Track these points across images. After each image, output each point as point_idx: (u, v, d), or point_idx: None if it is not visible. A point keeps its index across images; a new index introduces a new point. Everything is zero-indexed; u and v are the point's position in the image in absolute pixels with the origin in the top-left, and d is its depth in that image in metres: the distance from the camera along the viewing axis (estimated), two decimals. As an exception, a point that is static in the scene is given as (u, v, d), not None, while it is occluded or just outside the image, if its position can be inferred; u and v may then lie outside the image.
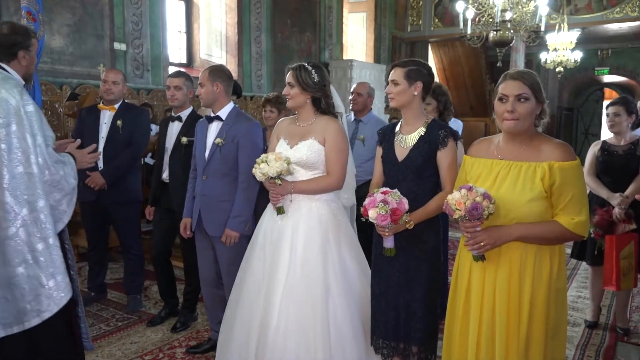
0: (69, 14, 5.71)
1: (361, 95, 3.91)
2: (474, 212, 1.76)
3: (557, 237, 1.84)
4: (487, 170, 1.94)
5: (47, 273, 2.01)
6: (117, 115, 3.55)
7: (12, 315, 2.00)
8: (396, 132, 2.35)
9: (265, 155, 2.38)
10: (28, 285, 2.00)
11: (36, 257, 1.99)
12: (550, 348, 1.88)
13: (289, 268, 2.36)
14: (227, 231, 2.77)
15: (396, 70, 2.26)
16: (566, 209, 1.80)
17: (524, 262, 1.86)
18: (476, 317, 1.95)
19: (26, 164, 1.97)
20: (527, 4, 7.03)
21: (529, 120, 1.86)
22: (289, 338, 2.31)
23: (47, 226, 2.02)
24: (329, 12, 9.80)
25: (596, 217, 3.18)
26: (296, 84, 2.43)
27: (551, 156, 1.82)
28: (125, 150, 3.54)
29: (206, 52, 8.01)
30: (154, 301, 3.88)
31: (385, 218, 2.05)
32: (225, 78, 2.85)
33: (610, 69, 14.16)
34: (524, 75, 1.86)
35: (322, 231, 2.41)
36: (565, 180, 1.79)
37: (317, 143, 2.43)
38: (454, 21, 10.14)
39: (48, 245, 2.02)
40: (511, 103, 1.83)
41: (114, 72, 3.66)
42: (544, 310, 1.85)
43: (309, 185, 2.44)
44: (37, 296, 2.00)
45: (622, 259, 3.07)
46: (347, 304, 2.39)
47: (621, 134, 3.30)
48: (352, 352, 2.36)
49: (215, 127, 2.84)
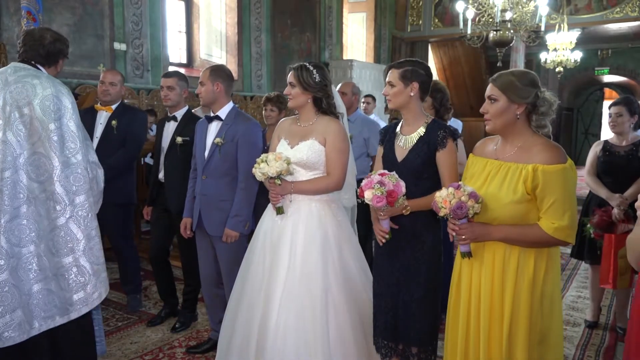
0: (69, 14, 5.72)
1: (345, 95, 4.00)
2: (458, 211, 1.79)
3: (538, 241, 1.82)
4: (481, 169, 1.96)
5: (95, 263, 2.12)
6: (112, 116, 3.54)
7: (56, 307, 2.06)
8: (397, 133, 2.35)
9: (265, 155, 2.38)
10: (74, 275, 2.08)
11: (81, 248, 2.09)
12: (537, 353, 1.86)
13: (289, 268, 2.36)
14: (226, 231, 2.77)
15: (392, 72, 2.26)
16: (548, 213, 1.79)
17: (506, 263, 1.87)
18: (464, 316, 1.96)
19: (76, 157, 2.11)
20: (527, 4, 7.03)
21: (500, 120, 1.88)
22: (288, 338, 2.30)
23: (93, 220, 2.15)
24: (329, 12, 9.81)
25: (596, 218, 3.18)
26: (297, 84, 2.43)
27: (537, 159, 1.81)
28: (119, 151, 3.51)
29: (206, 52, 8.01)
30: (154, 301, 3.88)
31: (380, 199, 2.05)
32: (226, 78, 2.86)
33: (610, 69, 14.17)
34: (497, 77, 1.92)
35: (322, 232, 2.41)
36: (548, 184, 1.77)
37: (317, 143, 2.43)
38: (454, 21, 10.14)
39: (91, 238, 2.13)
40: (484, 104, 1.93)
41: (112, 73, 3.66)
42: (527, 314, 1.83)
43: (309, 185, 2.44)
44: (84, 285, 2.08)
45: (619, 258, 3.07)
46: (347, 305, 2.39)
47: (623, 135, 3.29)
48: (352, 353, 2.36)
49: (214, 127, 2.84)
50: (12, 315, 1.98)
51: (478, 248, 1.92)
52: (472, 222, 1.86)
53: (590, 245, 3.34)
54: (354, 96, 4.05)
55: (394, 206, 2.09)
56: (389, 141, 2.35)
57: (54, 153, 2.05)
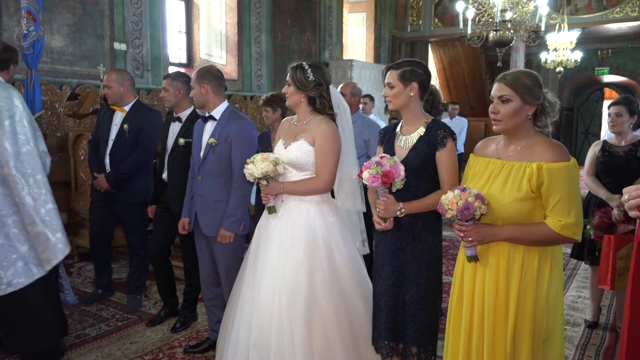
0: (69, 14, 5.71)
1: (345, 96, 4.00)
2: (465, 212, 1.79)
3: (545, 240, 1.83)
4: (483, 169, 1.96)
5: (52, 229, 2.64)
6: (125, 118, 3.57)
7: (39, 260, 2.66)
8: (397, 133, 2.35)
9: (254, 156, 2.39)
10: (38, 242, 2.63)
11: (42, 218, 2.61)
12: (542, 352, 1.86)
13: (274, 267, 2.37)
14: (221, 231, 2.77)
15: (391, 73, 2.26)
16: (554, 211, 1.79)
17: (511, 263, 1.87)
18: (467, 317, 1.96)
19: (27, 147, 2.61)
20: (527, 4, 7.02)
21: (513, 121, 1.87)
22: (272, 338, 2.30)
23: (48, 194, 2.66)
24: (329, 12, 9.81)
25: (596, 219, 3.17)
26: (292, 83, 2.44)
27: (542, 157, 1.81)
28: (131, 154, 3.56)
29: (206, 52, 8.01)
30: (154, 301, 3.88)
31: (376, 179, 2.05)
32: (213, 79, 2.82)
33: (610, 69, 14.16)
34: (507, 77, 1.88)
35: (310, 233, 2.39)
36: (553, 182, 1.77)
37: (307, 144, 2.41)
38: (454, 21, 10.14)
39: (49, 209, 2.65)
40: (494, 104, 1.89)
41: (107, 75, 3.66)
42: (531, 313, 1.84)
43: (297, 186, 2.43)
44: (46, 249, 2.63)
45: (618, 259, 3.06)
46: (335, 308, 2.35)
47: (622, 135, 3.29)
48: (338, 352, 2.33)
49: (209, 127, 2.84)
50: (15, 267, 2.59)
51: (482, 249, 1.92)
52: (478, 224, 1.86)
53: (590, 246, 3.34)
54: (353, 97, 4.05)
55: (389, 187, 2.08)
56: (388, 141, 2.35)
57: (8, 143, 2.55)
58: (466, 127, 8.24)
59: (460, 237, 1.89)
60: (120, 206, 3.64)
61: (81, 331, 3.35)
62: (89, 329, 3.39)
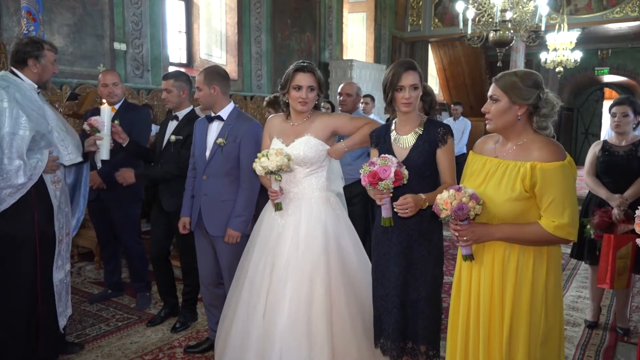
0: (69, 14, 5.71)
1: (350, 96, 4.06)
2: (459, 212, 1.79)
3: (539, 240, 1.82)
4: (480, 167, 1.97)
5: None
6: (116, 116, 3.54)
7: None
8: (391, 134, 2.35)
9: (266, 150, 2.42)
10: None
11: None
12: (540, 354, 1.85)
13: (292, 266, 2.39)
14: (229, 231, 2.77)
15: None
16: (548, 211, 1.78)
17: (506, 263, 1.87)
18: (464, 316, 1.97)
19: None
20: (527, 4, 7.02)
21: (501, 120, 1.88)
22: (290, 335, 2.32)
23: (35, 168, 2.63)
24: (329, 12, 9.81)
25: (596, 219, 3.17)
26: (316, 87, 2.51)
27: (536, 156, 1.81)
28: (121, 151, 3.52)
29: (206, 52, 8.00)
30: (154, 301, 3.88)
31: (364, 178, 2.11)
32: (222, 79, 2.83)
33: (610, 69, 14.17)
34: (500, 77, 1.91)
35: (322, 226, 2.44)
36: (547, 182, 1.77)
37: (313, 138, 2.47)
38: (454, 21, 10.14)
39: None
40: (486, 103, 1.93)
41: (111, 74, 3.68)
42: (527, 315, 1.83)
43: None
44: None
45: (618, 259, 3.07)
46: (347, 300, 2.42)
47: (624, 135, 3.29)
48: (352, 348, 2.38)
49: (216, 127, 2.84)
50: None
51: (478, 249, 1.92)
52: (472, 223, 1.87)
53: (590, 245, 3.34)
54: (357, 97, 4.15)
55: (376, 187, 2.09)
56: (384, 142, 2.35)
57: None
58: (469, 129, 8.20)
59: (456, 237, 1.89)
60: (112, 203, 3.64)
61: (81, 331, 3.35)
62: (89, 329, 3.39)
